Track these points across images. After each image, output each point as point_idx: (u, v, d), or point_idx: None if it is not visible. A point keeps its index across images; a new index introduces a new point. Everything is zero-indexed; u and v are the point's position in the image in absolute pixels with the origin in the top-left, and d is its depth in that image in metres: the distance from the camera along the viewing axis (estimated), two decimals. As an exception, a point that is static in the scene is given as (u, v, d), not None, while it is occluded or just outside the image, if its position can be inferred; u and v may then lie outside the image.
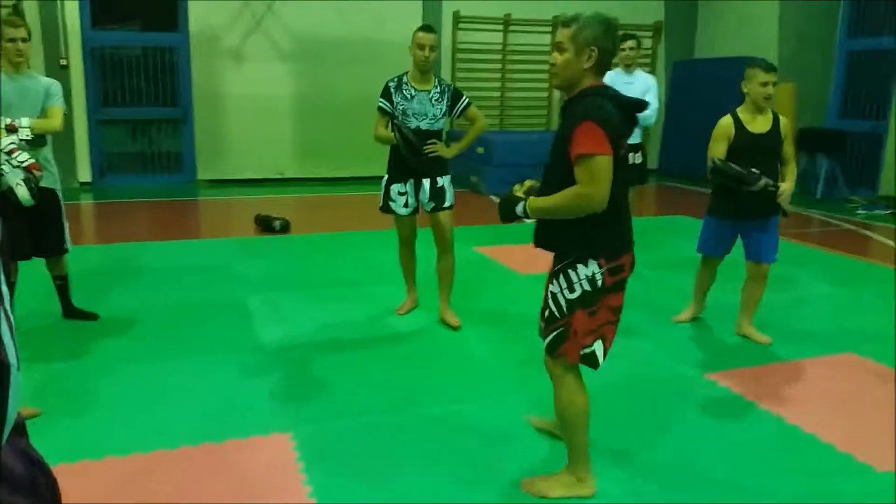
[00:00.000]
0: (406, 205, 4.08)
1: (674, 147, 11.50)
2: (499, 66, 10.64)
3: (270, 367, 3.57)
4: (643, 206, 9.50)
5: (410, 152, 3.84)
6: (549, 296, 2.40)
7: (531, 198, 2.36)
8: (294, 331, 4.08)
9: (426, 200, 4.07)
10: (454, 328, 4.11)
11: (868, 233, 7.26)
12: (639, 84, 5.41)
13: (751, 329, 4.06)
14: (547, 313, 2.42)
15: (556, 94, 11.16)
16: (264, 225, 6.86)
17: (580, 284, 2.30)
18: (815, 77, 9.58)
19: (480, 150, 9.19)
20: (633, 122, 2.33)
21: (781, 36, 9.63)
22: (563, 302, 2.34)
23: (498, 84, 10.64)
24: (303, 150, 10.21)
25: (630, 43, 5.36)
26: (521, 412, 3.12)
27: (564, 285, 2.32)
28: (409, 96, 3.94)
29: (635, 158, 5.41)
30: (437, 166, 4.02)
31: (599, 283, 2.29)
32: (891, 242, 6.80)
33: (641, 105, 2.33)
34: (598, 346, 2.40)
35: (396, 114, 3.94)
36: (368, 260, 5.73)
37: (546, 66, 11.49)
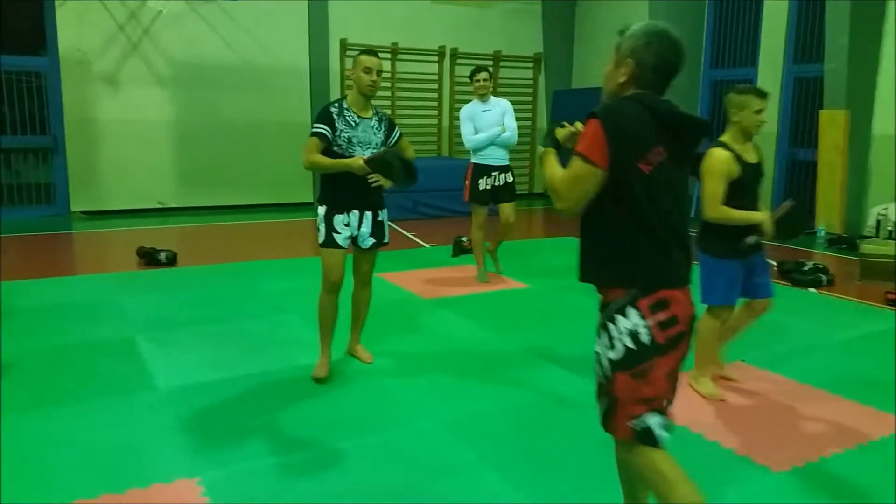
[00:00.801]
0: (348, 237, 3.78)
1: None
2: (388, 93, 10.71)
3: (168, 409, 3.35)
4: (532, 229, 9.80)
5: (406, 175, 3.49)
6: (595, 356, 2.03)
7: (551, 152, 2.14)
8: (191, 369, 3.86)
9: (367, 235, 3.80)
10: (366, 363, 4.01)
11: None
12: (496, 109, 5.79)
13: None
14: (596, 378, 2.04)
15: (446, 120, 11.38)
16: (149, 258, 6.50)
17: (621, 340, 1.91)
18: (684, 101, 10.27)
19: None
20: (684, 138, 1.97)
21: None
22: (604, 363, 1.97)
23: (388, 111, 10.65)
24: (185, 178, 9.83)
25: (482, 75, 5.79)
26: (438, 439, 3.09)
27: (606, 342, 1.96)
28: (352, 123, 3.68)
29: (507, 178, 5.82)
30: (380, 198, 3.85)
31: (646, 339, 1.89)
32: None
33: (699, 124, 2.01)
34: (653, 420, 1.93)
35: (339, 142, 3.64)
36: (263, 291, 5.55)
37: (434, 94, 11.73)
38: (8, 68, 8.95)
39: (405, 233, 8.40)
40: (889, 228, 7.74)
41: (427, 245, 7.61)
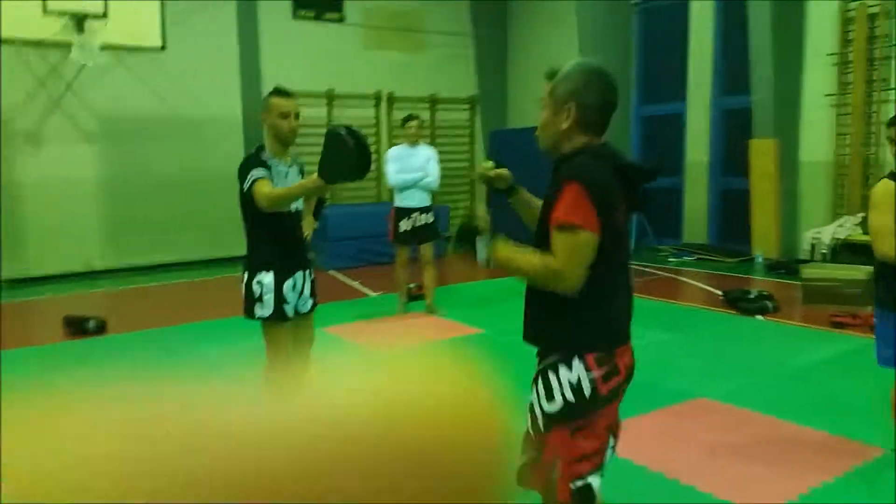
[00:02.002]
0: (294, 305, 3.27)
1: (497, 211, 12.00)
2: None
3: None
4: (478, 271, 9.71)
5: (359, 157, 2.86)
6: (529, 407, 1.90)
7: (502, 244, 1.94)
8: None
9: (308, 296, 3.35)
10: None
11: (682, 279, 7.87)
12: (421, 155, 6.17)
13: None
14: (525, 430, 1.93)
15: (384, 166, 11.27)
16: (75, 327, 6.07)
17: (561, 392, 1.82)
18: (617, 140, 10.45)
19: (315, 225, 8.99)
20: (634, 190, 1.93)
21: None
22: (539, 416, 1.86)
23: (324, 158, 10.53)
24: (116, 237, 9.39)
25: (415, 122, 6.20)
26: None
27: (542, 393, 1.85)
28: (282, 174, 3.24)
29: (427, 219, 6.15)
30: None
31: (588, 392, 1.81)
32: (704, 286, 7.40)
33: (650, 174, 1.98)
34: (594, 479, 1.85)
35: None
36: (203, 357, 5.23)
37: (373, 139, 11.64)
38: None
39: (349, 281, 8.19)
40: (823, 251, 7.94)
41: (373, 293, 7.41)
